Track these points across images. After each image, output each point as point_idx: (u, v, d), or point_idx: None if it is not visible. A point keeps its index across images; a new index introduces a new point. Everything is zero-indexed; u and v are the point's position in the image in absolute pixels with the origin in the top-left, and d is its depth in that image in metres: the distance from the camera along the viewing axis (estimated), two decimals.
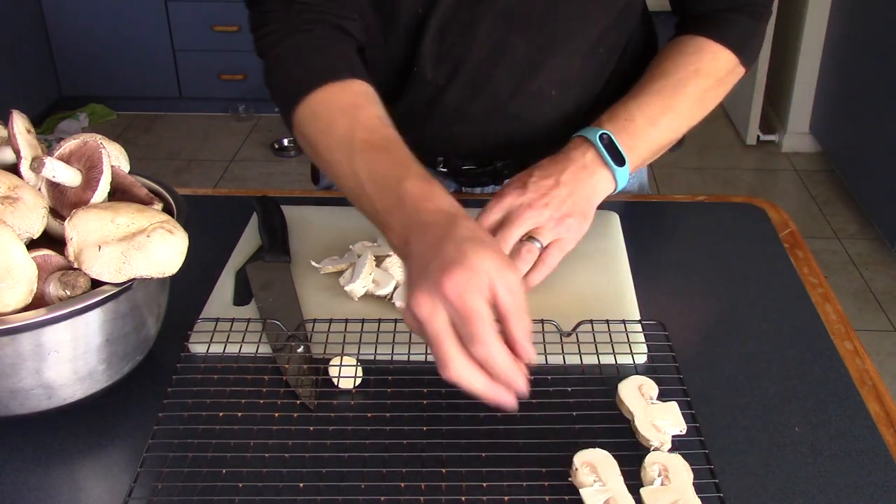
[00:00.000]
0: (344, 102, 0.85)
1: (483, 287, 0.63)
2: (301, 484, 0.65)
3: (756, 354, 0.81)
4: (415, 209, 0.72)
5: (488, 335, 0.62)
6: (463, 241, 0.66)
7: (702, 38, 0.97)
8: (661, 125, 0.91)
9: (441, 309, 0.63)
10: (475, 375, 0.63)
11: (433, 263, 0.65)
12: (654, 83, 0.94)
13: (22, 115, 0.76)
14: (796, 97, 3.36)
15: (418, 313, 0.64)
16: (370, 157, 0.79)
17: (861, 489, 0.66)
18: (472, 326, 0.62)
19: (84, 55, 3.61)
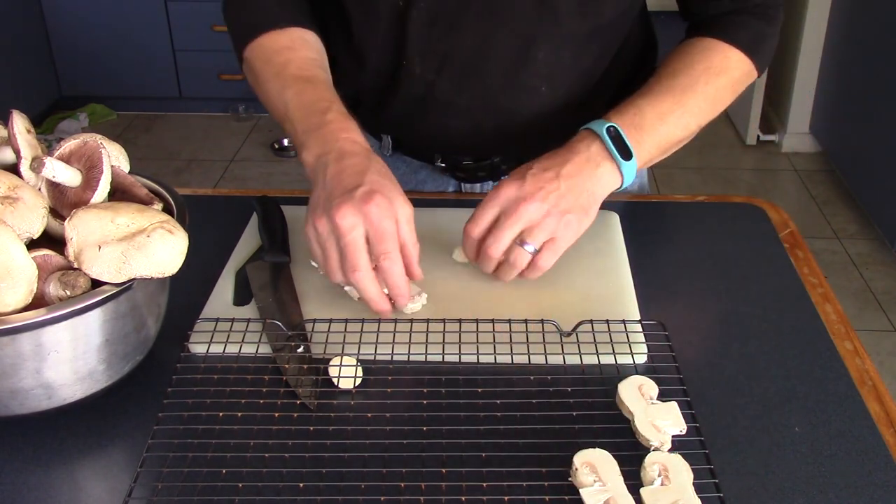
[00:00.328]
0: (281, 44, 0.95)
1: (392, 215, 0.78)
2: (301, 484, 0.65)
3: (756, 354, 0.81)
4: (334, 136, 0.84)
5: (394, 250, 0.78)
6: (380, 176, 0.80)
7: (711, 38, 0.97)
8: (671, 122, 0.91)
9: (361, 224, 0.77)
10: (373, 284, 0.78)
11: (357, 187, 0.78)
12: (664, 80, 0.93)
13: (22, 115, 0.76)
14: (796, 97, 3.36)
15: (340, 223, 0.77)
16: (299, 87, 0.90)
17: (861, 489, 0.66)
18: (384, 244, 0.78)
19: (84, 55, 3.61)
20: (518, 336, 0.80)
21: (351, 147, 0.83)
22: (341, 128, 0.85)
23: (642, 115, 0.90)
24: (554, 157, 0.87)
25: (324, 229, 0.79)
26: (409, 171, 1.14)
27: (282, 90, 0.90)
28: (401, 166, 1.14)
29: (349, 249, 0.77)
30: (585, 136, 0.88)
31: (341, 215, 0.77)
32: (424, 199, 1.07)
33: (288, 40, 0.96)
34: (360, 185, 0.78)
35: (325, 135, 0.84)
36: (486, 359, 0.78)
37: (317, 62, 0.95)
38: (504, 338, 0.80)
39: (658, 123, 0.90)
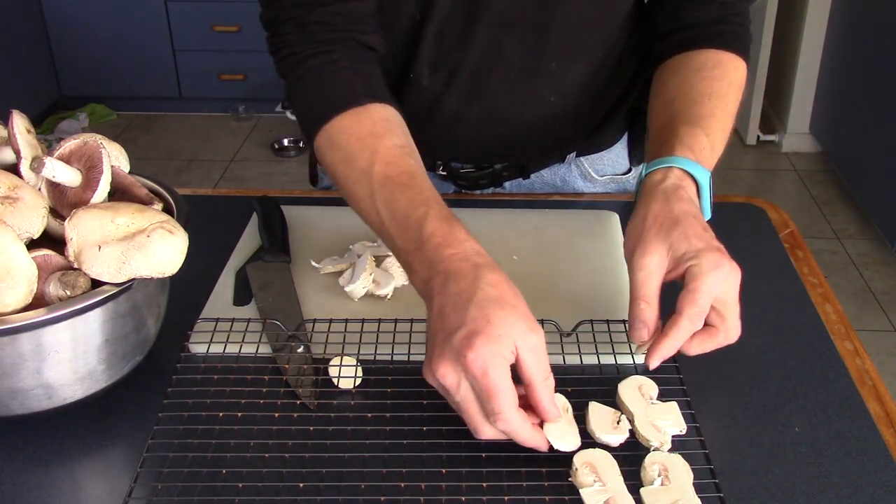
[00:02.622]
0: (363, 132, 0.82)
1: (506, 354, 0.65)
2: (301, 484, 0.65)
3: (756, 354, 0.81)
4: (437, 255, 0.71)
5: (509, 412, 0.64)
6: (486, 304, 0.66)
7: (714, 50, 0.95)
8: (718, 149, 0.88)
9: (464, 379, 0.65)
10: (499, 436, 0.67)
11: (457, 329, 0.65)
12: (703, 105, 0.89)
13: (22, 115, 0.76)
14: (796, 97, 3.36)
15: (443, 382, 0.65)
16: (390, 193, 0.77)
17: (861, 489, 0.66)
18: (493, 403, 0.64)
19: (84, 55, 3.61)
20: None
21: (457, 267, 0.70)
22: (443, 243, 0.72)
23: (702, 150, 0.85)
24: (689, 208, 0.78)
25: (437, 385, 0.68)
26: None
27: (371, 196, 0.78)
28: None
29: (461, 411, 0.67)
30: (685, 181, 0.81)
31: (442, 374, 0.66)
32: None
33: (370, 124, 0.83)
34: (460, 327, 0.65)
35: (427, 256, 0.72)
36: None
37: (404, 150, 0.81)
38: None
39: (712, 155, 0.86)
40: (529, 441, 0.67)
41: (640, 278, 0.75)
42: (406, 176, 0.78)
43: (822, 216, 3.02)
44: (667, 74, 0.96)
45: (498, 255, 0.92)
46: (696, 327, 0.73)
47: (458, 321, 0.66)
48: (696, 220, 0.77)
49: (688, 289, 0.73)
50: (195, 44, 3.58)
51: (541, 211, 1.02)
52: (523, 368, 0.66)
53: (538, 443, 0.67)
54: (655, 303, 0.75)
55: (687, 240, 0.75)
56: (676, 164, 0.81)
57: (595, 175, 1.13)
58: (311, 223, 0.99)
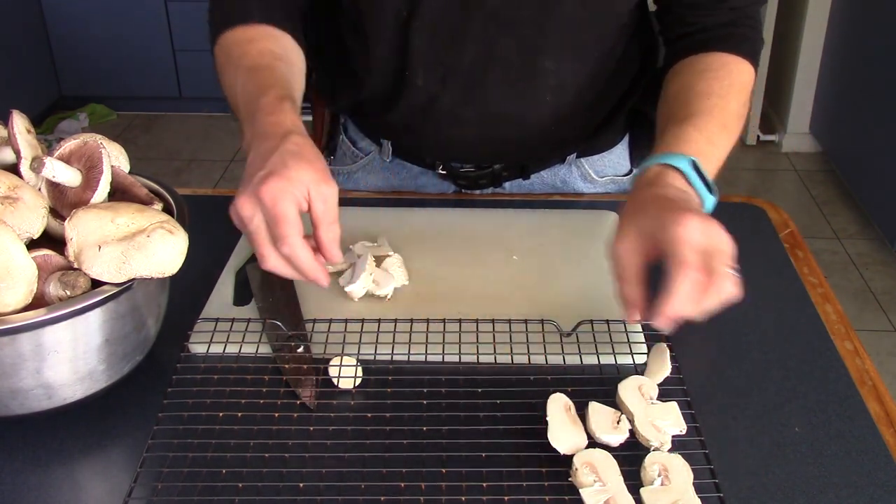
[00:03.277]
0: (245, 37, 0.94)
1: (297, 195, 0.71)
2: (301, 484, 0.65)
3: (756, 354, 0.81)
4: (261, 121, 0.79)
5: (293, 237, 0.71)
6: (286, 154, 0.74)
7: (720, 53, 0.95)
8: (719, 146, 0.88)
9: (258, 211, 0.72)
10: (286, 269, 0.73)
11: (258, 172, 0.73)
12: (700, 102, 0.90)
13: (22, 115, 0.76)
14: (796, 97, 3.36)
15: (241, 213, 0.72)
16: (249, 76, 0.87)
17: (861, 489, 0.66)
18: (278, 228, 0.71)
19: (84, 55, 3.60)
20: (518, 336, 0.80)
21: (271, 129, 0.77)
22: (269, 111, 0.80)
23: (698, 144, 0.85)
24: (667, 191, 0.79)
25: (236, 220, 0.74)
26: (409, 177, 1.14)
27: (234, 81, 0.88)
28: (401, 171, 1.14)
29: (252, 240, 0.73)
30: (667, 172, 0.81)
31: (241, 206, 0.72)
32: (424, 200, 1.07)
33: (253, 33, 0.94)
34: (261, 169, 0.73)
35: (255, 120, 0.80)
36: (486, 359, 0.78)
37: (274, 53, 0.91)
38: (504, 338, 0.80)
39: (711, 148, 0.87)
40: (309, 268, 0.72)
41: (616, 262, 0.76)
42: (265, 67, 0.88)
43: (822, 216, 3.02)
44: (672, 78, 0.96)
45: (498, 255, 0.92)
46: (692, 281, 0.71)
47: (260, 166, 0.73)
48: (672, 199, 0.76)
49: (668, 252, 0.72)
50: (195, 44, 3.58)
51: (540, 211, 1.02)
52: (312, 211, 0.73)
53: (317, 275, 0.73)
54: (636, 280, 0.74)
55: (654, 214, 0.75)
56: (655, 161, 0.82)
57: (595, 176, 1.13)
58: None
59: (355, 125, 1.16)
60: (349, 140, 1.18)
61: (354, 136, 1.17)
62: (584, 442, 0.68)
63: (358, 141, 1.17)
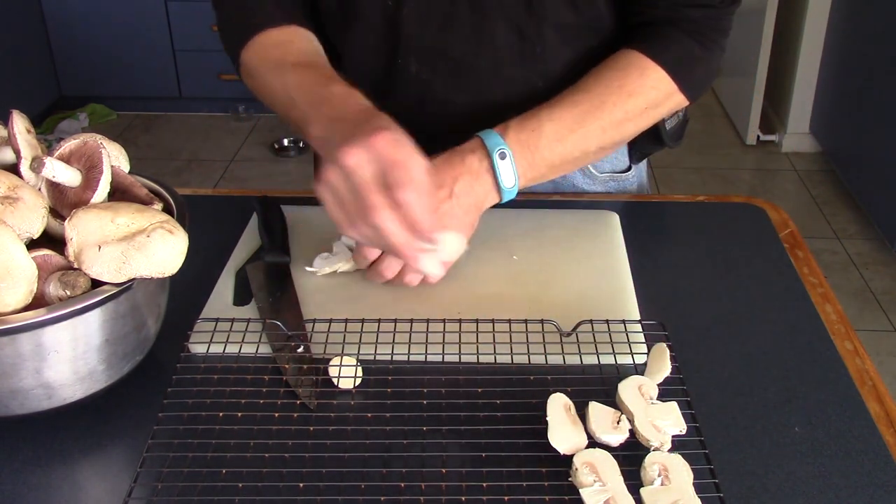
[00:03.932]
0: (276, 40, 0.94)
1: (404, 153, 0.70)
2: (301, 484, 0.65)
3: (756, 354, 0.81)
4: (341, 105, 0.78)
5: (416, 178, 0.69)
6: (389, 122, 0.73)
7: (635, 52, 0.93)
8: (569, 142, 0.89)
9: (369, 161, 0.69)
10: (396, 225, 0.70)
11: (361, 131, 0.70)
12: (575, 96, 0.91)
13: (22, 115, 0.76)
14: (796, 97, 3.36)
15: (347, 163, 0.69)
16: (299, 73, 0.87)
17: (861, 489, 0.66)
18: (401, 171, 0.69)
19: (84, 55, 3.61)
20: (518, 336, 0.80)
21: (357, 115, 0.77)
22: (347, 95, 0.80)
23: (540, 134, 0.88)
24: (446, 170, 0.86)
25: (335, 177, 0.71)
26: None
27: (282, 78, 0.88)
28: None
29: (361, 191, 0.70)
30: (478, 149, 0.87)
31: (345, 154, 0.69)
32: None
33: (285, 36, 0.94)
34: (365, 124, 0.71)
35: (332, 106, 0.79)
36: (486, 359, 0.78)
37: (316, 51, 0.93)
38: (504, 338, 0.80)
39: (555, 143, 0.88)
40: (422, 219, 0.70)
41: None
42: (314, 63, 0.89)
43: (822, 216, 3.03)
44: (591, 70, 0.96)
45: (498, 255, 0.92)
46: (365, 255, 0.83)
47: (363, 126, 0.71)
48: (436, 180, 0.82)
49: None
50: (195, 44, 3.58)
51: (541, 211, 1.02)
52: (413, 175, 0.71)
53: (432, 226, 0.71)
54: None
55: None
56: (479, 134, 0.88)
57: (595, 171, 1.13)
58: (311, 223, 0.99)
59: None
60: None
61: None
62: (584, 442, 0.68)
63: None
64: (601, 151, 0.94)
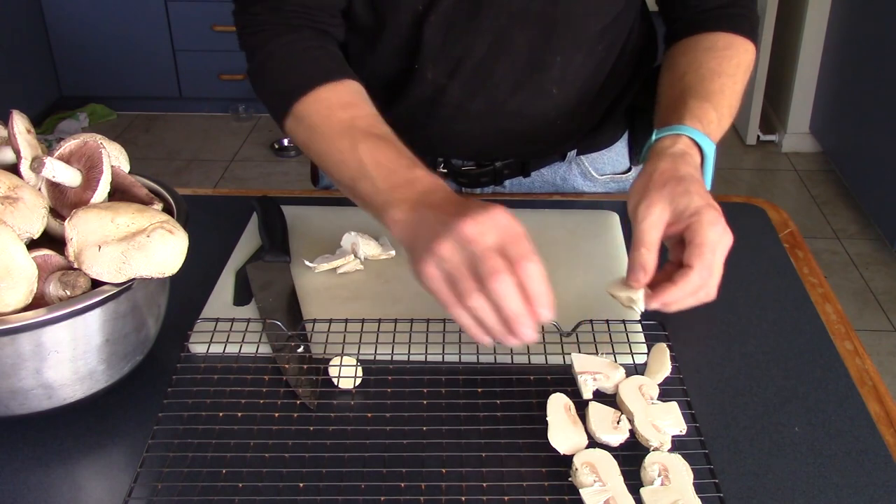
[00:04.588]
0: (342, 100, 0.88)
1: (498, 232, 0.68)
2: (301, 484, 0.65)
3: (756, 354, 0.81)
4: (428, 192, 0.75)
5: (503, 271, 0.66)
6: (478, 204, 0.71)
7: (724, 33, 0.98)
8: (724, 125, 0.92)
9: (490, 230, 0.68)
10: (515, 293, 0.67)
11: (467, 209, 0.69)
12: (712, 81, 0.92)
13: (22, 115, 0.76)
14: (796, 97, 3.36)
15: (466, 231, 0.67)
16: (374, 144, 0.81)
17: (861, 489, 0.66)
18: (523, 243, 0.68)
19: (84, 55, 3.60)
20: None
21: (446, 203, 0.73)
22: (434, 184, 0.77)
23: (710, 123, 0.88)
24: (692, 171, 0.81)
25: (448, 250, 0.68)
26: None
27: (353, 147, 0.82)
28: None
29: (484, 255, 0.67)
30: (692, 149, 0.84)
31: (467, 225, 0.68)
32: None
33: (348, 95, 0.89)
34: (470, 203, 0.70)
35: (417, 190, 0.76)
36: (486, 359, 0.78)
37: (381, 119, 0.87)
38: None
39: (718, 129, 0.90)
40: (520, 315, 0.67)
41: (643, 227, 0.78)
42: (387, 135, 0.83)
43: (822, 216, 3.02)
44: (678, 53, 0.99)
45: None
46: (703, 281, 0.75)
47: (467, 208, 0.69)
48: (699, 183, 0.80)
49: (694, 243, 0.76)
50: (195, 44, 3.58)
51: (541, 211, 1.02)
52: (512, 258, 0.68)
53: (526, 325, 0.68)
54: (656, 251, 0.77)
55: (689, 196, 0.77)
56: (686, 133, 0.85)
57: (595, 174, 1.13)
58: (311, 223, 0.99)
59: None
60: None
61: None
62: (584, 442, 0.68)
63: None
64: None
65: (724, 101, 0.91)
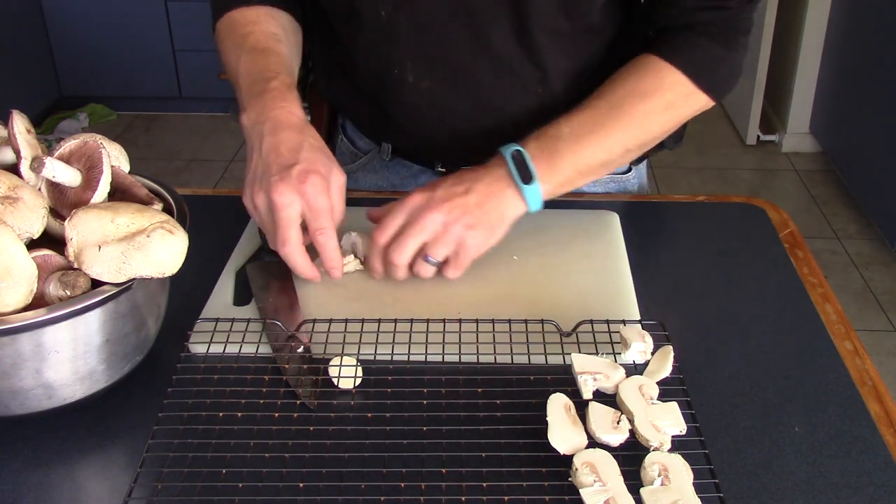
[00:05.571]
0: (247, 19, 0.98)
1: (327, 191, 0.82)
2: (301, 484, 0.65)
3: (756, 354, 0.81)
4: (273, 104, 0.86)
5: (329, 226, 0.83)
6: (315, 150, 0.84)
7: (652, 56, 0.94)
8: (591, 145, 0.90)
9: (297, 202, 0.81)
10: (302, 257, 0.83)
11: (294, 164, 0.81)
12: (592, 101, 0.92)
13: (22, 115, 0.76)
14: (796, 97, 3.36)
15: (278, 199, 0.80)
16: (251, 57, 0.93)
17: (861, 489, 0.67)
18: (319, 219, 0.82)
19: (84, 55, 3.61)
20: (518, 336, 0.80)
21: (287, 118, 0.85)
22: (280, 96, 0.87)
23: (558, 139, 0.89)
24: (468, 173, 0.89)
25: (261, 204, 0.82)
26: (409, 176, 1.14)
27: (237, 60, 0.93)
28: (401, 170, 1.14)
29: (282, 224, 0.81)
30: (498, 158, 0.89)
31: (279, 192, 0.80)
32: None
33: (254, 15, 0.98)
34: (296, 164, 0.81)
35: (264, 101, 0.86)
36: (486, 359, 0.78)
37: (277, 36, 0.96)
38: (504, 338, 0.80)
39: (575, 146, 0.89)
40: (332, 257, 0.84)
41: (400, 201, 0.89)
42: (268, 50, 0.94)
43: (822, 216, 3.03)
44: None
45: (498, 255, 0.92)
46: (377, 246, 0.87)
47: (293, 159, 0.82)
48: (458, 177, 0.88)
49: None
50: (195, 44, 3.58)
51: (541, 211, 1.02)
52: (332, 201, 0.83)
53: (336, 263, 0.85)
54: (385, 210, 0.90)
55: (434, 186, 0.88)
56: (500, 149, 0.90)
57: None
58: None
59: (354, 126, 1.16)
60: (348, 140, 1.18)
61: (353, 135, 1.17)
62: (584, 442, 0.68)
63: (357, 140, 1.17)
64: (627, 154, 0.94)
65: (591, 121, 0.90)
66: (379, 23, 0.95)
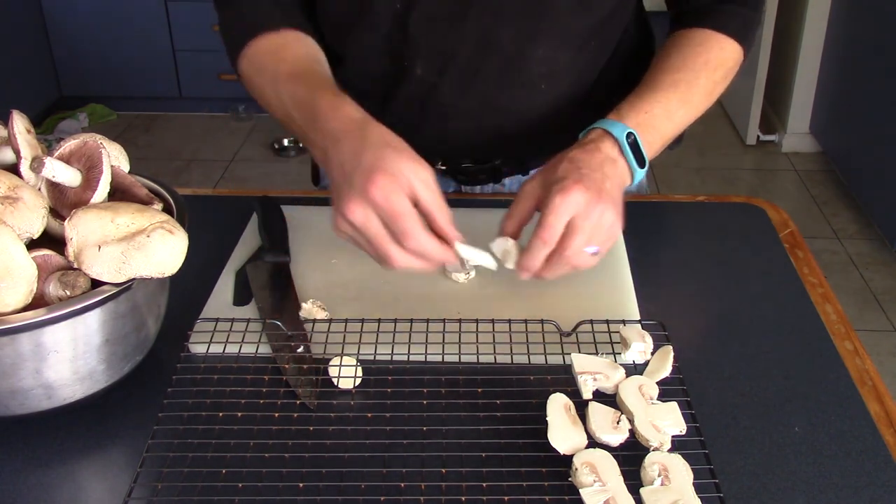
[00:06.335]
0: (275, 45, 0.94)
1: (403, 186, 0.73)
2: (301, 484, 0.65)
3: (756, 354, 0.81)
4: (326, 120, 0.81)
5: (415, 228, 0.73)
6: (377, 147, 0.76)
7: (705, 30, 0.97)
8: (677, 119, 0.91)
9: (372, 213, 0.73)
10: (413, 262, 0.75)
11: (356, 173, 0.74)
12: (667, 75, 0.93)
13: (22, 115, 0.76)
14: (796, 97, 3.36)
15: (353, 220, 0.74)
16: (292, 84, 0.88)
17: (861, 489, 0.66)
18: (400, 224, 0.73)
19: (84, 55, 3.61)
20: (518, 336, 0.80)
21: (343, 126, 0.80)
22: (330, 107, 0.82)
23: (653, 115, 0.89)
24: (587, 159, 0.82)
25: (347, 228, 0.76)
26: None
27: (280, 95, 0.89)
28: None
29: (374, 244, 0.75)
30: (606, 138, 0.85)
31: (351, 211, 0.74)
32: None
33: (280, 40, 0.95)
34: (357, 170, 0.75)
35: (319, 123, 0.82)
36: (486, 359, 0.78)
37: (310, 56, 0.94)
38: (504, 338, 0.80)
39: (666, 122, 0.90)
40: (438, 254, 0.75)
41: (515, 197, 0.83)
42: (305, 71, 0.90)
43: (822, 216, 3.03)
44: (659, 52, 0.99)
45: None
46: (545, 242, 0.78)
47: (355, 166, 0.75)
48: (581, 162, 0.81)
49: (543, 211, 0.79)
50: (195, 44, 3.58)
51: None
52: (420, 200, 0.74)
53: (447, 256, 0.76)
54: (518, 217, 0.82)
55: (558, 172, 0.80)
56: (601, 126, 0.86)
57: None
58: (311, 223, 0.99)
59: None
60: None
61: None
62: (584, 442, 0.68)
63: None
64: (696, 119, 0.96)
65: (675, 95, 0.91)
66: (392, 17, 0.96)
